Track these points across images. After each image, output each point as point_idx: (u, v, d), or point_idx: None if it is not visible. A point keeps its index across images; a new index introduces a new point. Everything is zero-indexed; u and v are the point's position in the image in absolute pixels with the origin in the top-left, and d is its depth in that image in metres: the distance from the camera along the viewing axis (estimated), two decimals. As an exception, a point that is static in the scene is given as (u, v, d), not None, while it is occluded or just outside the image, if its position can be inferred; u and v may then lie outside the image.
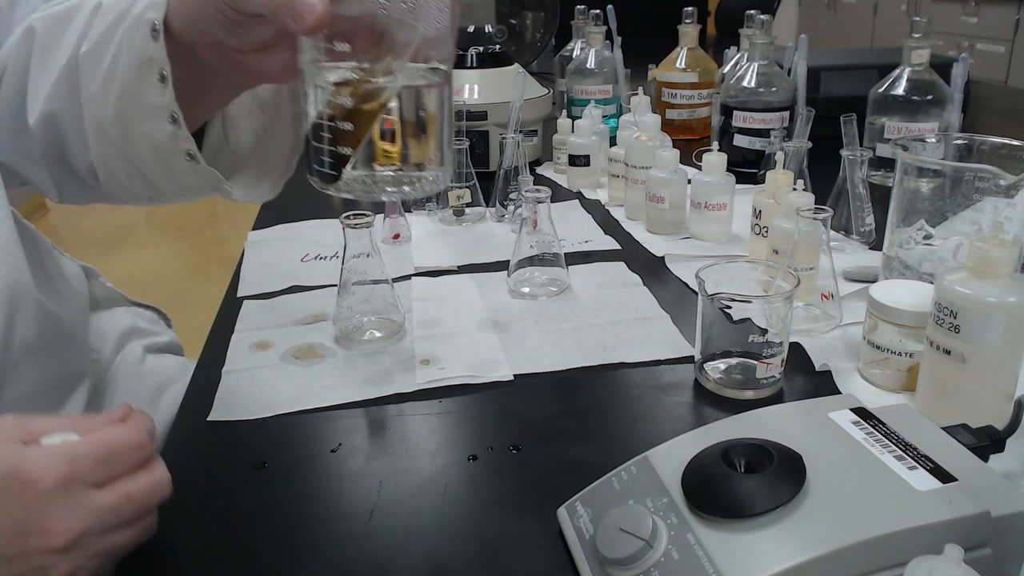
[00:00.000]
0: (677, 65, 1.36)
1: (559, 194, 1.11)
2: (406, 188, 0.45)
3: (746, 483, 0.40)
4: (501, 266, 0.84)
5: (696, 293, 0.63)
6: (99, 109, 0.54)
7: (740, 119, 1.15)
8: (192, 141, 0.53)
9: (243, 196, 0.61)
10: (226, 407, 0.62)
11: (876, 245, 0.86)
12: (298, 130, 0.60)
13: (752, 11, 1.23)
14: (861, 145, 0.90)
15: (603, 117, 1.19)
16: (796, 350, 0.67)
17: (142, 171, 0.56)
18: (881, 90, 1.07)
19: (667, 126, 1.15)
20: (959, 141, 0.73)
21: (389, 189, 0.45)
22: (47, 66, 0.57)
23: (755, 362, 0.60)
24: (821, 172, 0.93)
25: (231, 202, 0.63)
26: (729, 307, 0.60)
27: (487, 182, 1.05)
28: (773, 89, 1.13)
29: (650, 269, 0.86)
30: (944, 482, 0.40)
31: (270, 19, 0.42)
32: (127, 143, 0.54)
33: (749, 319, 0.60)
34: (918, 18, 1.05)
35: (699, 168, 0.91)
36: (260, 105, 0.59)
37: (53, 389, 0.59)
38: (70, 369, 0.62)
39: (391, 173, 0.45)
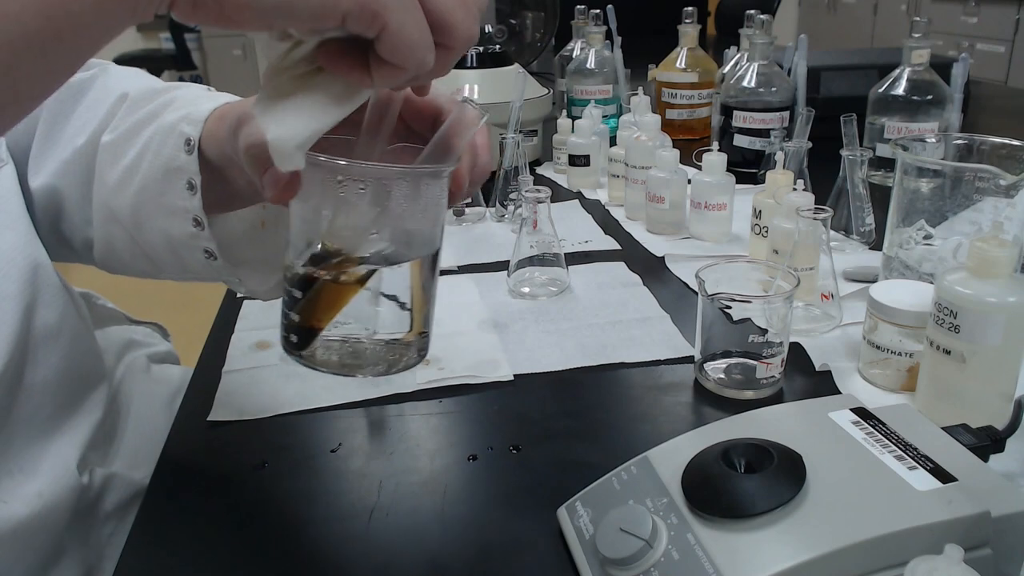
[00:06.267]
0: (677, 65, 1.36)
1: (559, 194, 1.11)
2: (380, 367, 0.44)
3: (746, 483, 0.40)
4: (501, 266, 0.84)
5: (696, 293, 0.63)
6: (113, 198, 0.53)
7: (740, 119, 1.15)
8: (214, 242, 0.52)
9: (252, 291, 0.59)
10: (226, 407, 0.62)
11: (876, 245, 0.86)
12: None
13: (752, 11, 1.23)
14: (861, 145, 0.90)
15: (603, 117, 1.19)
16: (796, 350, 0.67)
17: (150, 256, 0.55)
18: (881, 90, 1.07)
19: (667, 126, 1.15)
20: (959, 141, 0.73)
21: (365, 368, 0.44)
22: (55, 138, 0.57)
23: (755, 362, 0.60)
24: (821, 172, 0.93)
25: None
26: (729, 307, 0.60)
27: (487, 182, 1.04)
28: (773, 89, 1.13)
29: (650, 269, 0.86)
30: (944, 482, 0.40)
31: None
32: (139, 231, 0.54)
33: (749, 319, 0.60)
34: (918, 18, 1.05)
35: (699, 168, 0.91)
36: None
37: (74, 379, 0.59)
38: (89, 362, 0.62)
39: (365, 350, 0.44)
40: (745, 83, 1.14)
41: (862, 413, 0.46)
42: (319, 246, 0.42)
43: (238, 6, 0.31)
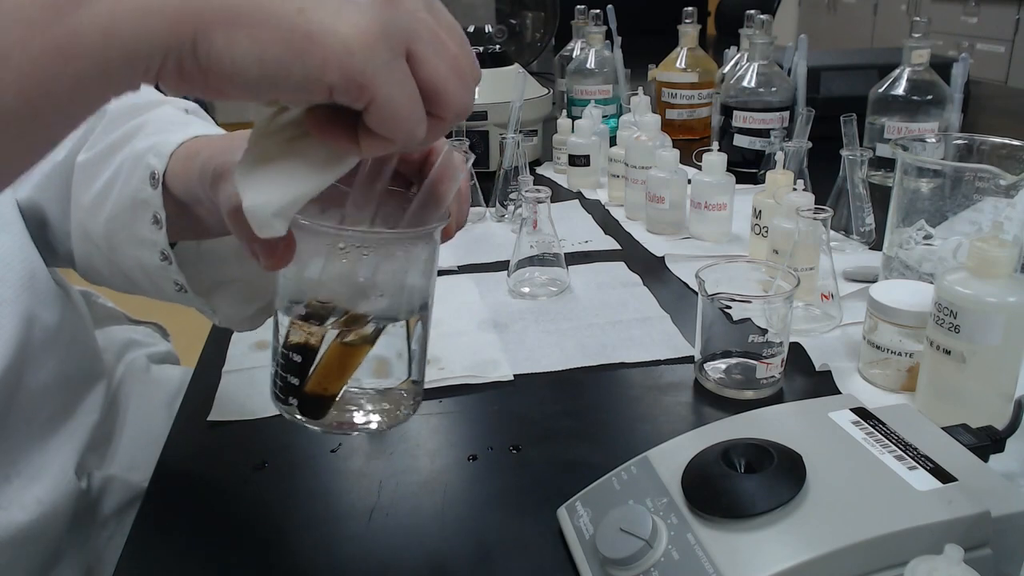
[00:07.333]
0: (677, 65, 1.36)
1: (559, 194, 1.11)
2: (383, 418, 0.44)
3: (746, 483, 0.40)
4: (501, 266, 0.84)
5: (696, 293, 0.63)
6: (88, 220, 0.53)
7: (740, 119, 1.15)
8: (182, 275, 0.52)
9: (227, 319, 0.58)
10: (226, 407, 0.62)
11: (876, 245, 0.86)
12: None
13: (752, 11, 1.23)
14: (861, 145, 0.90)
15: (603, 117, 1.19)
16: (796, 350, 0.67)
17: (127, 276, 0.55)
18: (881, 90, 1.07)
19: (667, 126, 1.15)
20: (959, 141, 0.73)
21: (368, 424, 0.43)
22: None
23: (755, 362, 0.60)
24: (821, 172, 0.93)
25: None
26: (729, 307, 0.60)
27: (487, 182, 1.05)
28: (773, 89, 1.13)
29: (650, 269, 0.86)
30: (944, 482, 0.40)
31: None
32: (113, 254, 0.53)
33: (749, 319, 0.60)
34: (918, 18, 1.05)
35: (699, 168, 0.91)
36: None
37: (72, 381, 0.59)
38: (86, 364, 0.61)
39: (363, 404, 0.43)
40: (745, 83, 1.14)
41: (862, 413, 0.46)
42: (322, 310, 0.41)
43: (223, 78, 0.30)
